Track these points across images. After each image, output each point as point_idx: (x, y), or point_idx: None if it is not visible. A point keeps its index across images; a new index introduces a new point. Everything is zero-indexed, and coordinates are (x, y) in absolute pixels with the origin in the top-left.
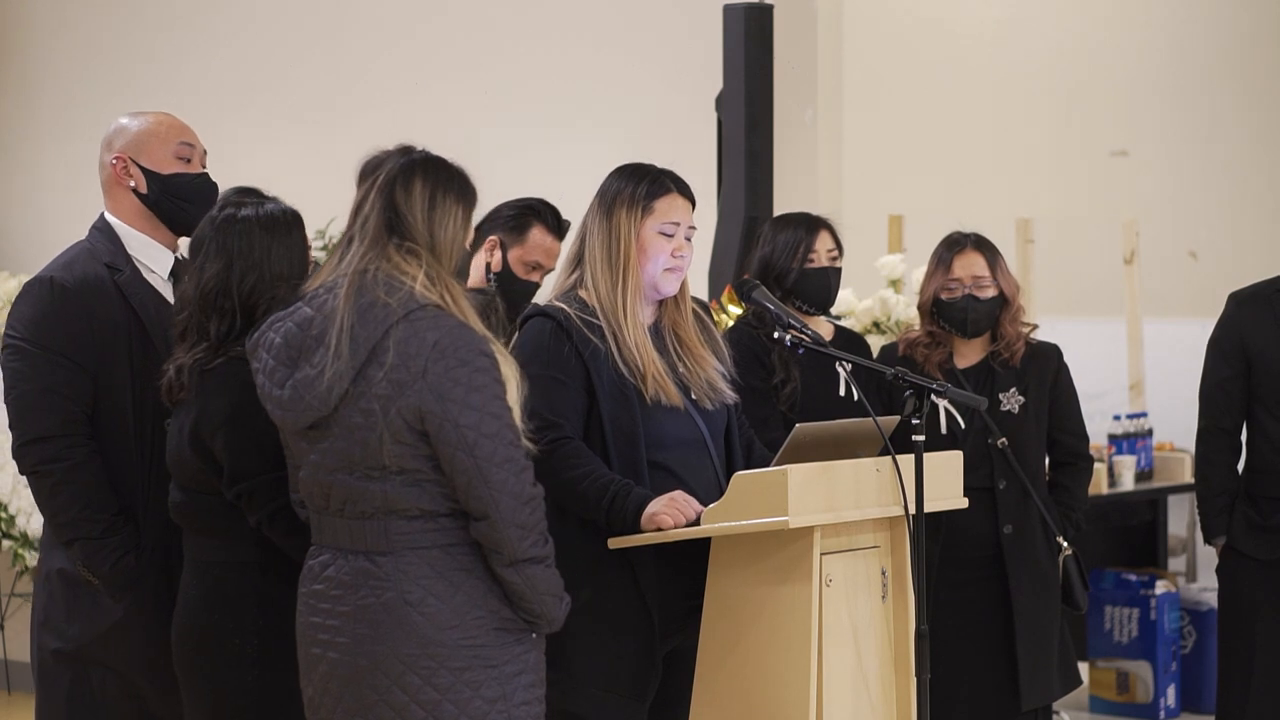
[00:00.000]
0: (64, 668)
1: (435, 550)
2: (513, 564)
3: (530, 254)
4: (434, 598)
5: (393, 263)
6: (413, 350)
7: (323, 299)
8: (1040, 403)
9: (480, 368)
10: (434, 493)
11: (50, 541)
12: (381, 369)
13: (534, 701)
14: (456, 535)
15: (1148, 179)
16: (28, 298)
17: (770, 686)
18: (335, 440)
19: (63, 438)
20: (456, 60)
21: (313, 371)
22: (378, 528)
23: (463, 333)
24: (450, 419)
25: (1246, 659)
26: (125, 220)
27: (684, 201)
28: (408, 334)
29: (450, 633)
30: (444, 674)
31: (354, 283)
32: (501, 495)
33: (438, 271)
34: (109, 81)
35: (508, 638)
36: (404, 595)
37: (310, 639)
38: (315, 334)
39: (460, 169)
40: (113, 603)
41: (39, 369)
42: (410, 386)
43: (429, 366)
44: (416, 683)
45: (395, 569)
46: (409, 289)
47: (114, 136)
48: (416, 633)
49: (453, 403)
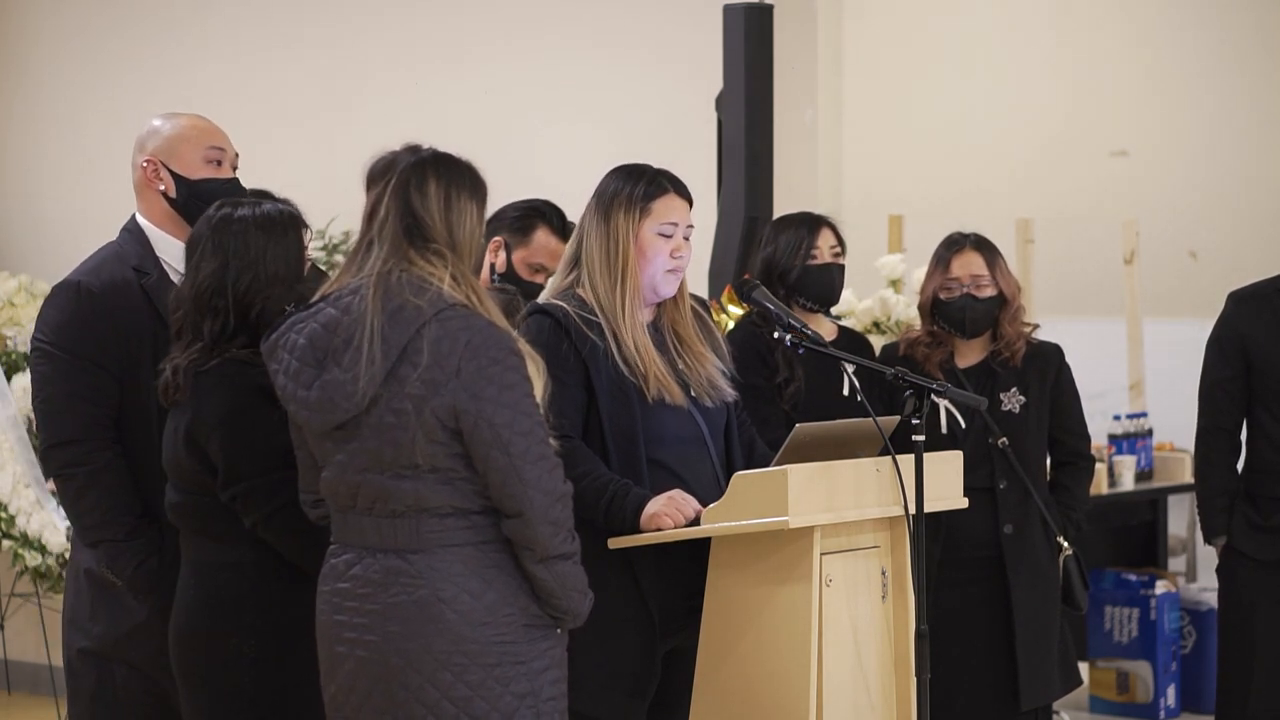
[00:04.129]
0: (90, 666)
1: (468, 548)
2: (544, 560)
3: (535, 256)
4: (467, 595)
5: (417, 265)
6: (446, 350)
7: (348, 301)
8: (1041, 402)
9: (511, 366)
10: (466, 490)
11: (79, 540)
12: (415, 369)
13: (560, 697)
14: (489, 533)
15: (1148, 179)
16: (55, 302)
17: (770, 686)
18: (365, 440)
19: (88, 441)
20: (456, 60)
21: (342, 373)
22: (409, 526)
23: (493, 332)
24: (485, 417)
25: (1246, 659)
26: (155, 222)
27: (681, 202)
28: (440, 334)
29: (483, 629)
30: (475, 670)
31: (379, 285)
32: (535, 492)
33: (462, 271)
34: (110, 82)
35: (536, 634)
36: (437, 592)
37: (335, 637)
38: (343, 336)
39: (469, 164)
40: (136, 604)
41: (65, 373)
42: (444, 386)
43: (462, 366)
44: (449, 679)
45: (428, 566)
46: (437, 289)
47: (146, 138)
48: (450, 630)
49: (487, 401)
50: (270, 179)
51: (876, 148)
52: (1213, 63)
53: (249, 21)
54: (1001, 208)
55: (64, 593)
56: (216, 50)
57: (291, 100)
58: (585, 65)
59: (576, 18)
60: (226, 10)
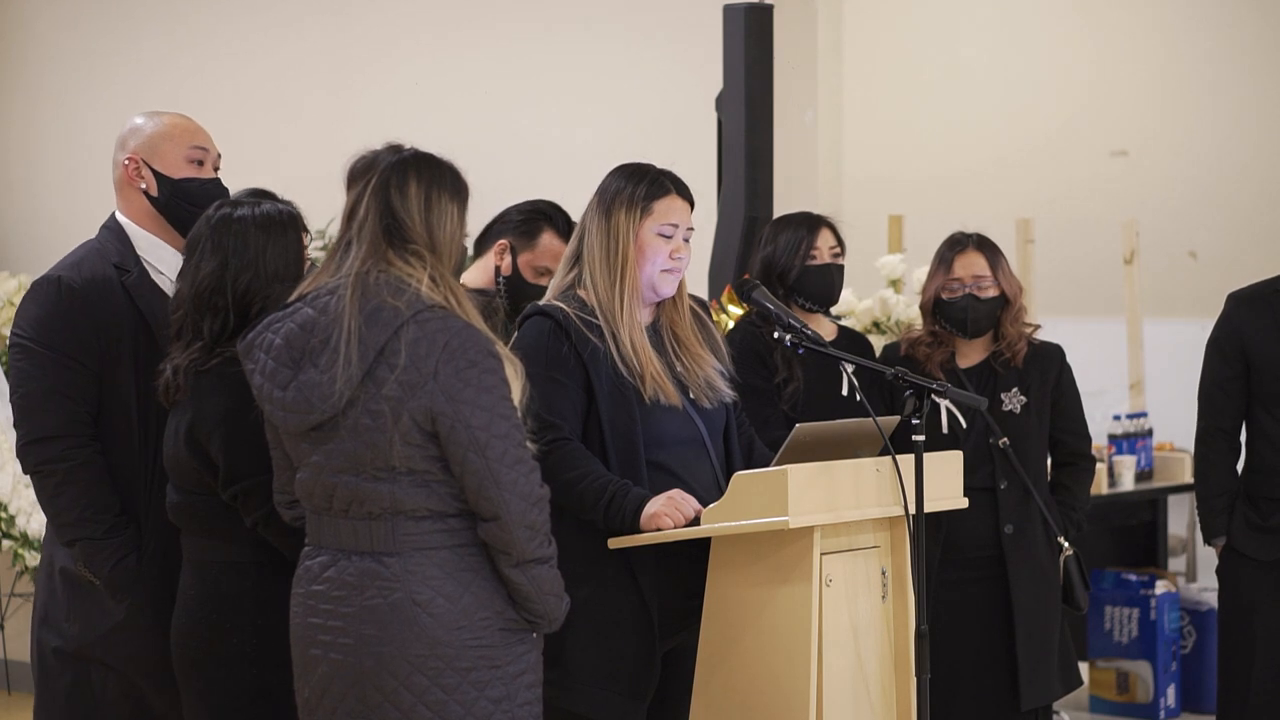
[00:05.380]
0: (65, 666)
1: (444, 551)
2: (520, 564)
3: (540, 259)
4: (443, 598)
5: (395, 265)
6: (423, 351)
7: (325, 301)
8: (1042, 403)
9: (489, 369)
10: (442, 493)
11: (54, 538)
12: (392, 371)
13: (534, 701)
14: (464, 536)
15: (1148, 179)
16: (35, 297)
17: (770, 686)
18: (341, 441)
19: (66, 438)
20: (456, 60)
21: (319, 374)
22: (385, 528)
23: (470, 334)
24: (461, 420)
25: (1247, 659)
26: (135, 220)
27: (683, 203)
28: (418, 335)
29: (458, 633)
30: (450, 674)
31: (357, 286)
32: (512, 496)
33: (441, 273)
34: (110, 82)
35: (511, 638)
36: (412, 596)
37: (309, 640)
38: (320, 336)
39: (451, 164)
40: (113, 602)
41: (44, 369)
42: (421, 388)
43: (440, 368)
44: (424, 683)
45: (404, 570)
46: (415, 290)
47: (128, 136)
48: (425, 634)
49: (464, 404)
50: (270, 179)
51: (876, 148)
52: (1213, 63)
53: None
54: (1002, 208)
55: (35, 591)
56: (217, 50)
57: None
58: (585, 65)
59: (576, 18)
60: (226, 10)
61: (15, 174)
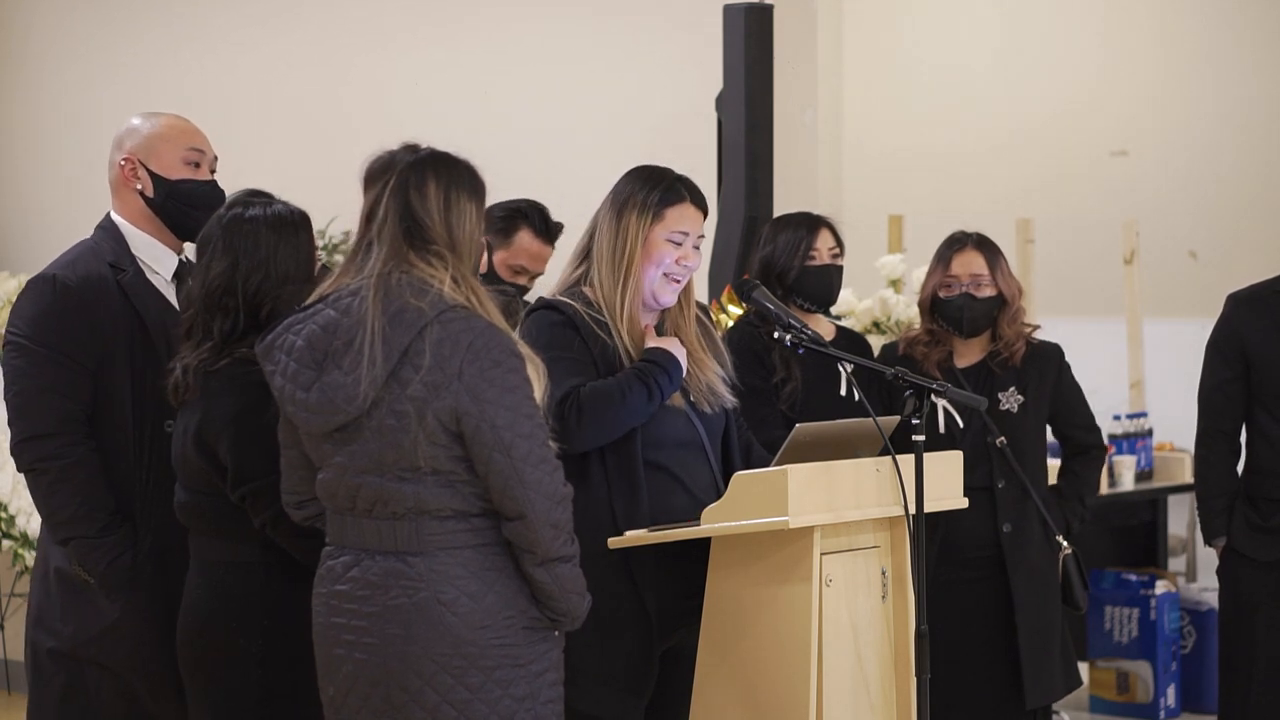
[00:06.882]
0: (59, 666)
1: (469, 550)
2: (544, 563)
3: (515, 258)
4: (467, 598)
5: (417, 266)
6: (447, 352)
7: (347, 302)
8: (1040, 402)
9: (513, 368)
10: (467, 493)
11: (48, 538)
12: (417, 371)
13: (557, 699)
14: (488, 535)
15: (1148, 179)
16: (30, 295)
17: (770, 686)
18: (366, 442)
19: (61, 435)
20: (456, 59)
21: (343, 375)
22: (409, 528)
23: (494, 334)
24: (486, 420)
25: (1247, 659)
26: (131, 221)
27: (696, 211)
28: (442, 336)
29: (483, 632)
30: (475, 673)
31: (379, 287)
32: (537, 495)
33: (462, 273)
34: (110, 82)
35: (534, 636)
36: (437, 595)
37: (333, 640)
38: (343, 338)
39: (468, 163)
40: (108, 602)
41: (39, 367)
42: (446, 388)
43: (464, 368)
44: (449, 682)
45: (429, 569)
46: (437, 291)
47: (124, 136)
48: (450, 633)
49: (488, 404)
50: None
51: (876, 148)
52: (1213, 62)
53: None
54: (1001, 207)
55: (30, 592)
56: (216, 50)
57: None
58: (585, 65)
59: (576, 18)
60: (227, 10)
61: (16, 175)
